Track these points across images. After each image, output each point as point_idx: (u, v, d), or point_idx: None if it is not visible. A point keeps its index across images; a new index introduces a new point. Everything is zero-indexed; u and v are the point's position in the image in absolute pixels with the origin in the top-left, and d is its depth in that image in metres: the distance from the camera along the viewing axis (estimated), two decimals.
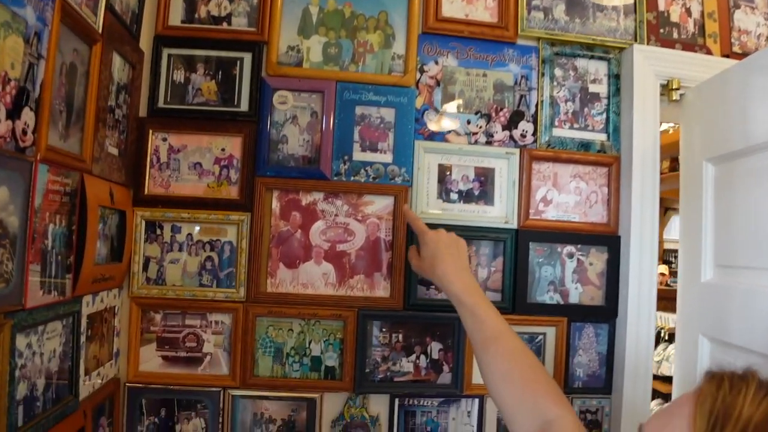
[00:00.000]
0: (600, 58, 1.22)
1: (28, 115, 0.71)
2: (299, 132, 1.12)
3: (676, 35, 1.26)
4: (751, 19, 1.30)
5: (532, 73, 1.19)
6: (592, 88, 1.22)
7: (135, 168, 1.10)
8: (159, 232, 1.10)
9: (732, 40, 1.28)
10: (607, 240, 1.19)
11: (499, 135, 1.17)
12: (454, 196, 1.16)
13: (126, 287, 1.09)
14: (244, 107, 1.12)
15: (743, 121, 0.99)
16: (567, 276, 1.19)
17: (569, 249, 1.19)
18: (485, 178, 1.17)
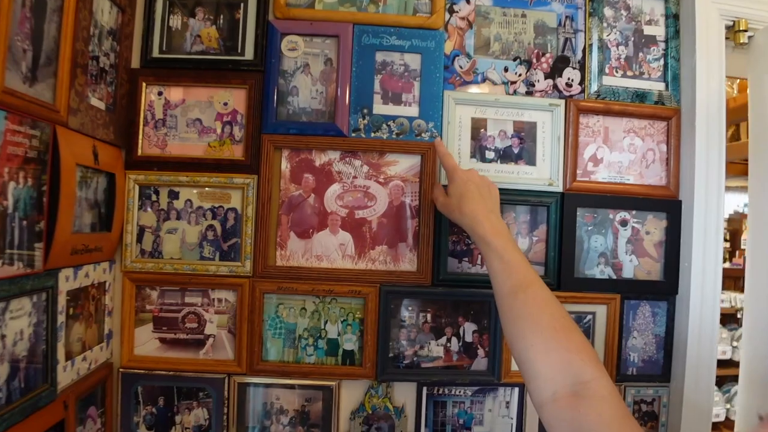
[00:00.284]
0: None
1: None
2: (311, 82, 0.99)
3: None
4: None
5: (578, 13, 1.04)
6: (647, 30, 1.06)
7: (127, 126, 0.97)
8: (154, 198, 0.98)
9: None
10: (667, 205, 1.04)
11: (541, 84, 1.03)
12: (489, 154, 1.02)
13: (118, 261, 0.98)
14: (248, 55, 0.99)
15: None
16: (620, 246, 1.04)
17: (622, 215, 1.04)
18: (525, 133, 1.02)
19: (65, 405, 0.80)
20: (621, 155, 1.05)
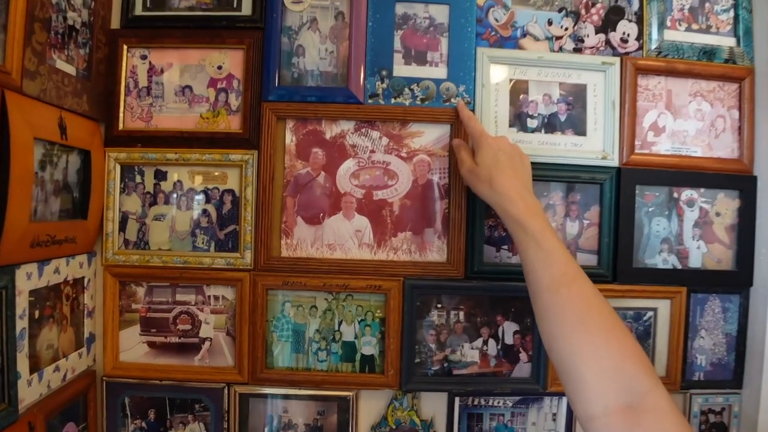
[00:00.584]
0: None
1: None
2: (320, 40, 0.86)
3: None
4: None
5: None
6: None
7: (105, 96, 0.85)
8: (139, 179, 0.86)
9: None
10: (740, 181, 0.90)
11: (592, 39, 0.88)
12: (532, 123, 0.88)
13: (98, 253, 0.86)
14: (246, 10, 0.86)
15: None
16: (686, 231, 0.90)
17: (689, 194, 0.90)
18: (574, 98, 0.88)
19: (30, 426, 0.68)
20: (686, 123, 0.90)
